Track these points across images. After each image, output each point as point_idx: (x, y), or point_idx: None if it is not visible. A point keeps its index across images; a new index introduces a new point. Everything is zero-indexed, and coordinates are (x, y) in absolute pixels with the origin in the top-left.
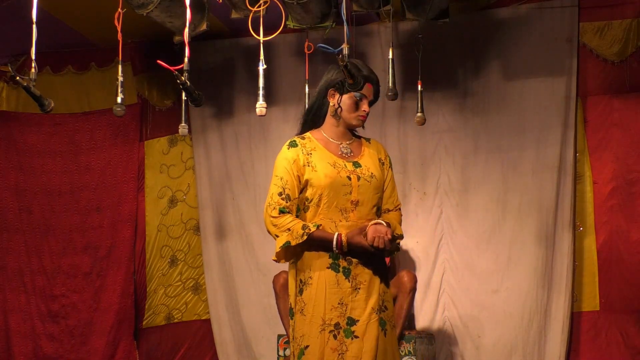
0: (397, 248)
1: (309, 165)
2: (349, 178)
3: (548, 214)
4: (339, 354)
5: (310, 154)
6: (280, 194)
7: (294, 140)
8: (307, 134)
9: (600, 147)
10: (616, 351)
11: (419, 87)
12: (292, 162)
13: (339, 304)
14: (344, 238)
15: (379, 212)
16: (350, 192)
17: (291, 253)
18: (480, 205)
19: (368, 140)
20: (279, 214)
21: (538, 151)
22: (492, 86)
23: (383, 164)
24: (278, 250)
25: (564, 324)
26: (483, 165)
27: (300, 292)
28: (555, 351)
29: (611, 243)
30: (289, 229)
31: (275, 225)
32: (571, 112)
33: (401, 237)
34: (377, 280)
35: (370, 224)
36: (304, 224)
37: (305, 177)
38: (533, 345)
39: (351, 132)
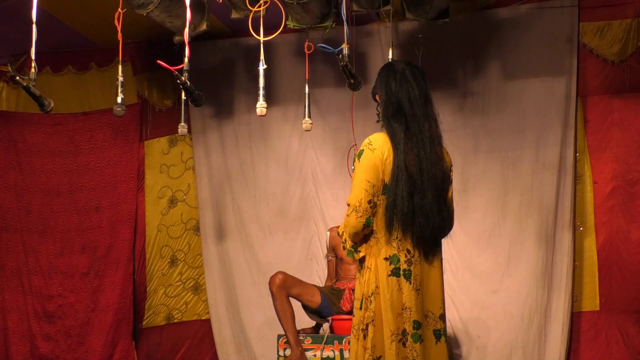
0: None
1: None
2: None
3: (548, 214)
4: None
5: None
6: None
7: None
8: None
9: (600, 147)
10: (616, 351)
11: None
12: None
13: None
14: None
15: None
16: None
17: None
18: (480, 205)
19: None
20: None
21: (538, 151)
22: (492, 86)
23: None
24: None
25: (564, 324)
26: (483, 165)
27: None
28: (555, 351)
29: (611, 243)
30: None
31: None
32: (571, 112)
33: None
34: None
35: None
36: None
37: None
38: (533, 345)
39: None
